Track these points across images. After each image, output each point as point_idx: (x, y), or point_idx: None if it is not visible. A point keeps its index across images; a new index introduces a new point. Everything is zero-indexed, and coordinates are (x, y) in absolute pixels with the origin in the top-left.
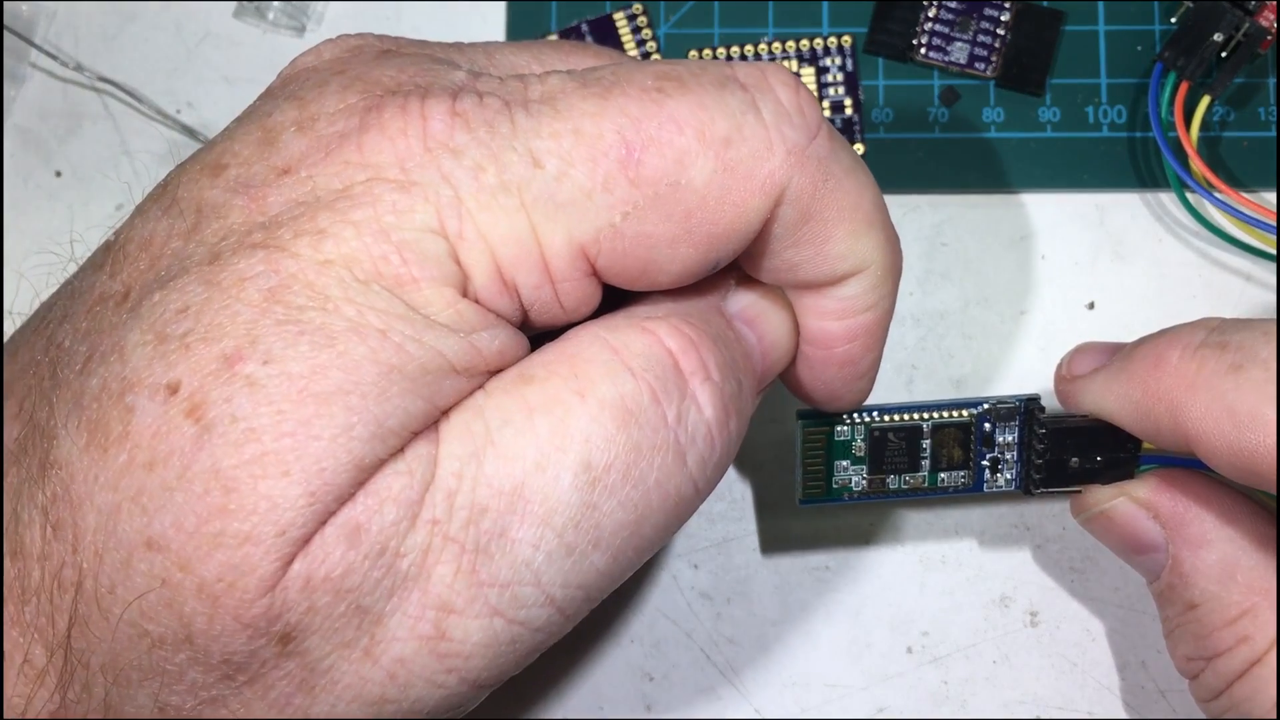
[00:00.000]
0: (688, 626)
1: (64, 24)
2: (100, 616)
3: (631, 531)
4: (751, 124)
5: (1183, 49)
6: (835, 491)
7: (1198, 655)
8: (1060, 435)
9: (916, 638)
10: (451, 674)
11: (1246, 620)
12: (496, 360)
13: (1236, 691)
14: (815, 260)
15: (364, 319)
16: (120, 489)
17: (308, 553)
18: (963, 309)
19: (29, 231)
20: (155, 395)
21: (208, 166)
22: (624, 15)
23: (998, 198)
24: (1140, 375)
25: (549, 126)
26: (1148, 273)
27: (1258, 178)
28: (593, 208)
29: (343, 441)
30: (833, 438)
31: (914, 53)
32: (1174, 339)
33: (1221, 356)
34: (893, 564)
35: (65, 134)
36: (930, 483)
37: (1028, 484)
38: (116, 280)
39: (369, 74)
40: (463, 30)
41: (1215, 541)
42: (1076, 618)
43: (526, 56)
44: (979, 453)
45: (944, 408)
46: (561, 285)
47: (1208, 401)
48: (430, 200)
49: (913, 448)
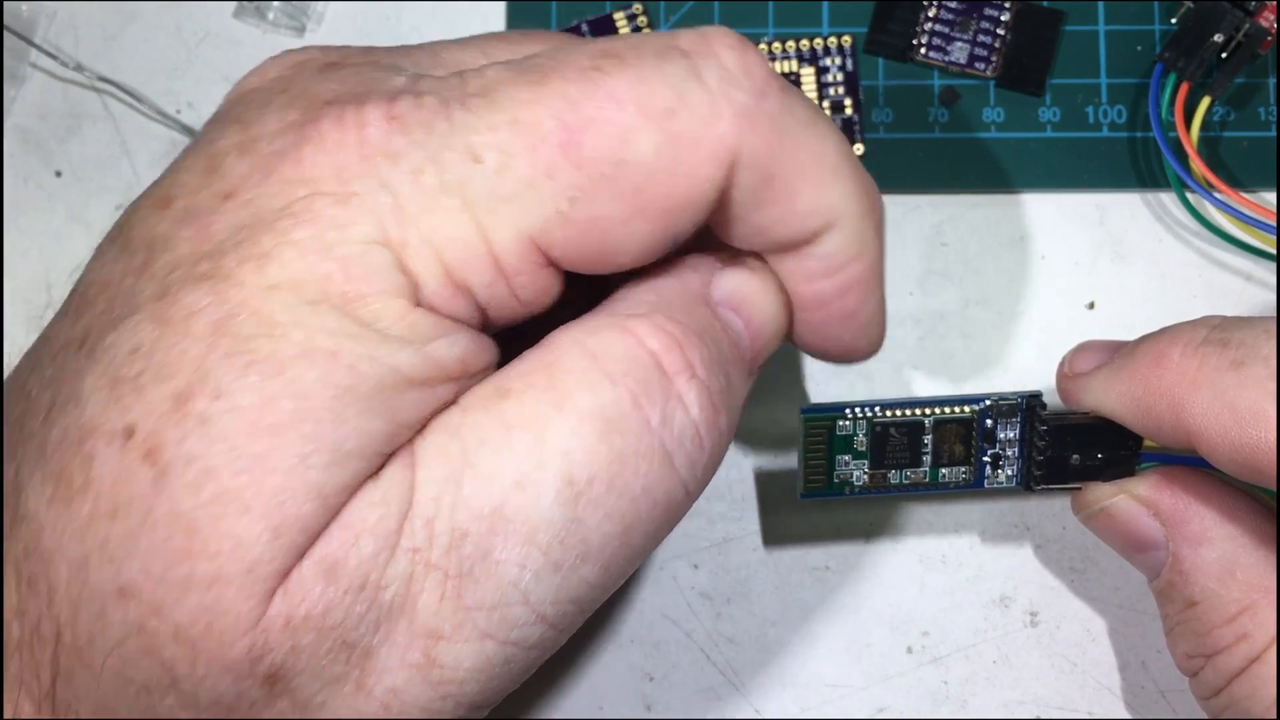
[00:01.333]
0: (688, 626)
1: (64, 24)
2: (82, 667)
3: (621, 541)
4: (694, 90)
5: (1183, 50)
6: (836, 486)
7: (1197, 653)
8: (1061, 432)
9: (916, 638)
10: (447, 700)
11: (1246, 618)
12: (459, 368)
13: (1236, 689)
14: (785, 219)
15: (313, 342)
16: (87, 539)
17: (286, 591)
18: (963, 309)
19: (29, 231)
20: (112, 441)
21: (157, 200)
22: (624, 15)
23: (998, 198)
24: (1142, 372)
25: (486, 119)
26: (1148, 273)
27: (1258, 178)
28: (538, 197)
29: (299, 472)
30: (835, 432)
31: (914, 53)
32: (1175, 336)
33: (1223, 353)
34: (893, 564)
35: (65, 134)
36: (932, 478)
37: (1028, 480)
38: (77, 325)
39: (311, 89)
40: (463, 30)
41: (1215, 539)
42: (1077, 618)
43: (473, 51)
44: (980, 449)
45: (946, 404)
46: (516, 280)
47: (1209, 398)
48: (370, 210)
49: (914, 443)
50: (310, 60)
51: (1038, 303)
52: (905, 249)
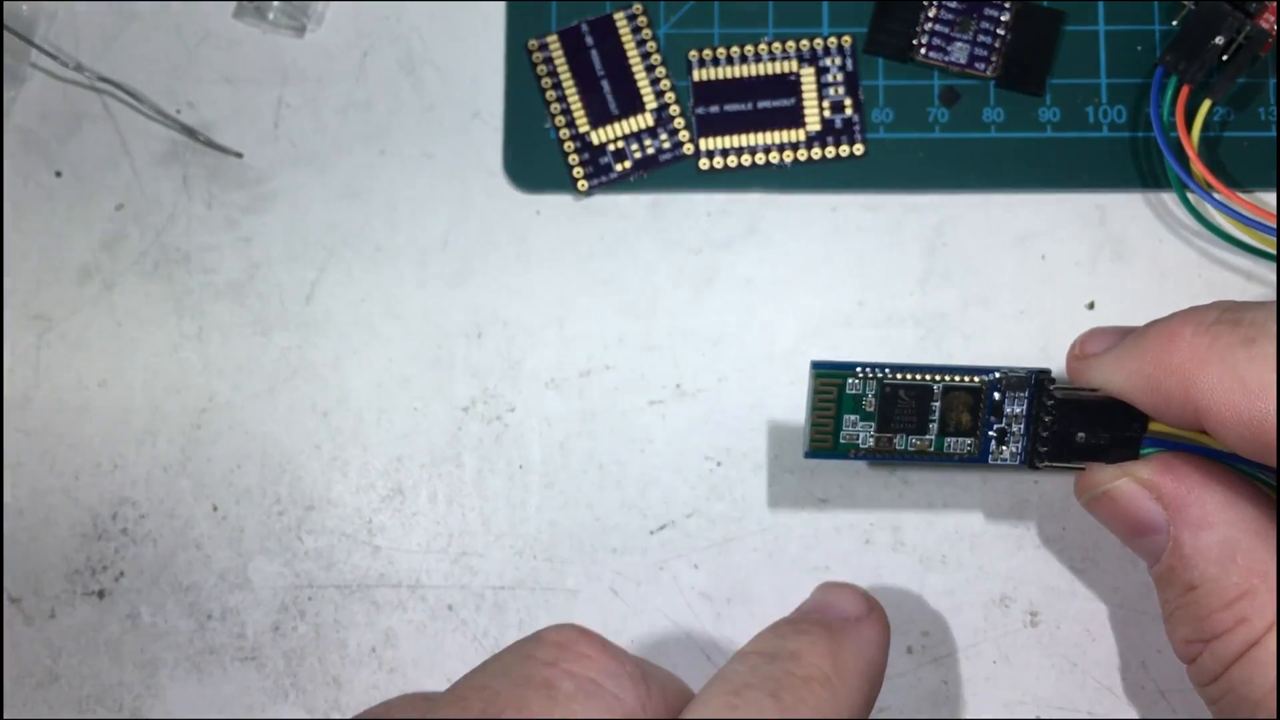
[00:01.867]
0: (688, 626)
1: (64, 24)
2: None
3: None
4: None
5: (1184, 52)
6: (842, 447)
7: (1196, 638)
8: (1069, 408)
9: (917, 638)
10: None
11: (1245, 603)
12: None
13: (1234, 674)
14: None
15: None
16: None
17: None
18: (963, 309)
19: (29, 231)
20: None
21: None
22: (624, 15)
23: (998, 198)
24: (1153, 350)
25: None
26: (1148, 273)
27: (1258, 178)
28: None
29: None
30: (844, 390)
31: (914, 53)
32: (1187, 317)
33: (1235, 331)
34: (893, 564)
35: (65, 134)
36: (937, 447)
37: (1032, 458)
38: None
39: None
40: (463, 30)
41: (1216, 524)
42: (1076, 618)
43: None
44: (987, 422)
45: (957, 372)
46: None
47: (1220, 373)
48: None
49: (922, 408)
50: None
51: (1038, 303)
52: (905, 249)
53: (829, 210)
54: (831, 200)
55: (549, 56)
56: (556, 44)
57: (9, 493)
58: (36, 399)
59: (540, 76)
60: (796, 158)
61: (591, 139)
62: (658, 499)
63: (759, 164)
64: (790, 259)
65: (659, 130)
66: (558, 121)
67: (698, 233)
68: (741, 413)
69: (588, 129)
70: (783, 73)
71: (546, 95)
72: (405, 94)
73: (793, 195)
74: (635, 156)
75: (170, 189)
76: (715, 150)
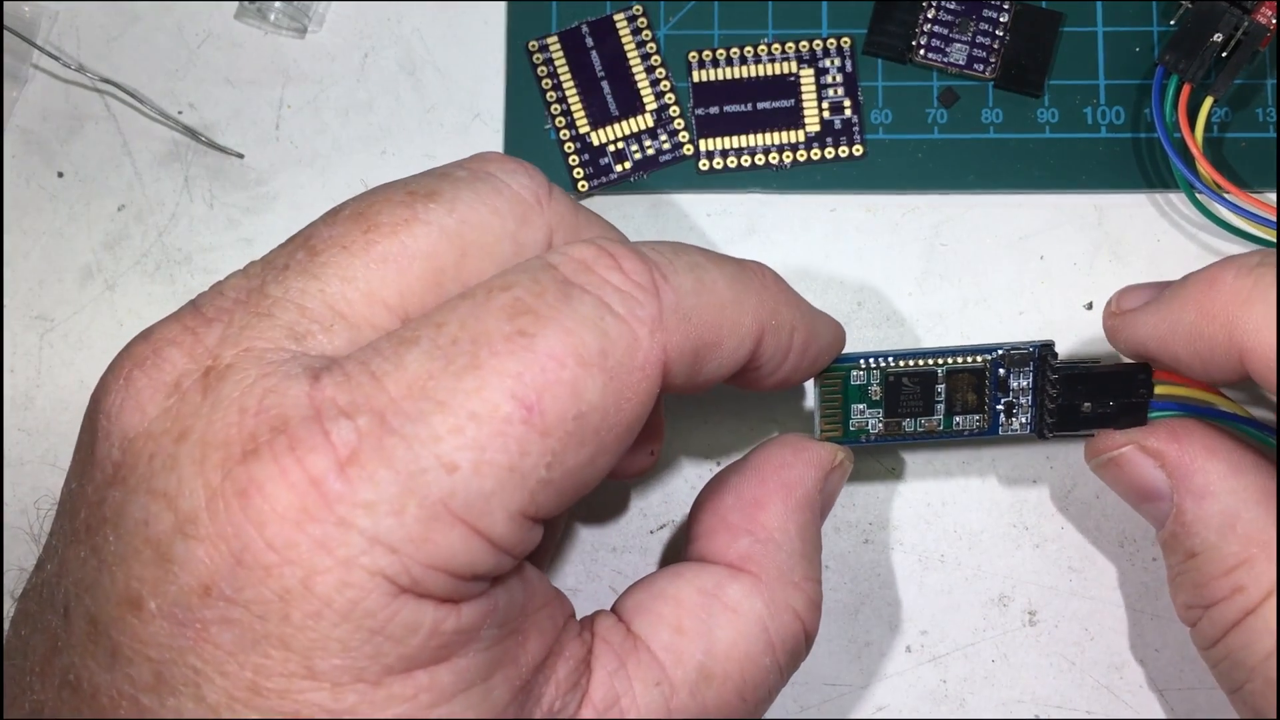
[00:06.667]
0: None
1: (66, 25)
2: None
3: None
4: (613, 324)
5: (1183, 51)
6: (853, 434)
7: (1195, 603)
8: (1072, 380)
9: (915, 637)
10: None
11: (1243, 571)
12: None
13: (1231, 640)
14: (723, 364)
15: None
16: None
17: None
18: (962, 309)
19: (30, 232)
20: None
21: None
22: (624, 16)
23: (997, 198)
24: (1195, 297)
25: (443, 423)
26: (1146, 273)
27: (1258, 178)
28: (519, 478)
29: None
30: (848, 381)
31: (913, 54)
32: (1227, 264)
33: None
34: (891, 563)
35: (67, 135)
36: (946, 426)
37: (1041, 428)
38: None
39: (211, 431)
40: (464, 32)
41: (1218, 493)
42: (1075, 617)
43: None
44: (994, 397)
45: (957, 354)
46: (516, 549)
47: (1264, 311)
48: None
49: (927, 392)
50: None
51: (1036, 303)
52: (904, 249)
53: (828, 211)
54: (831, 201)
55: (549, 57)
56: (557, 45)
57: (10, 492)
58: (38, 399)
59: (541, 77)
60: (796, 159)
61: (591, 140)
62: (658, 499)
63: (758, 165)
64: (790, 259)
65: (659, 131)
66: (558, 122)
67: (697, 233)
68: (741, 412)
69: (588, 130)
70: (782, 74)
71: (547, 96)
72: (406, 95)
73: (792, 196)
74: (635, 157)
75: (172, 189)
76: (715, 151)
